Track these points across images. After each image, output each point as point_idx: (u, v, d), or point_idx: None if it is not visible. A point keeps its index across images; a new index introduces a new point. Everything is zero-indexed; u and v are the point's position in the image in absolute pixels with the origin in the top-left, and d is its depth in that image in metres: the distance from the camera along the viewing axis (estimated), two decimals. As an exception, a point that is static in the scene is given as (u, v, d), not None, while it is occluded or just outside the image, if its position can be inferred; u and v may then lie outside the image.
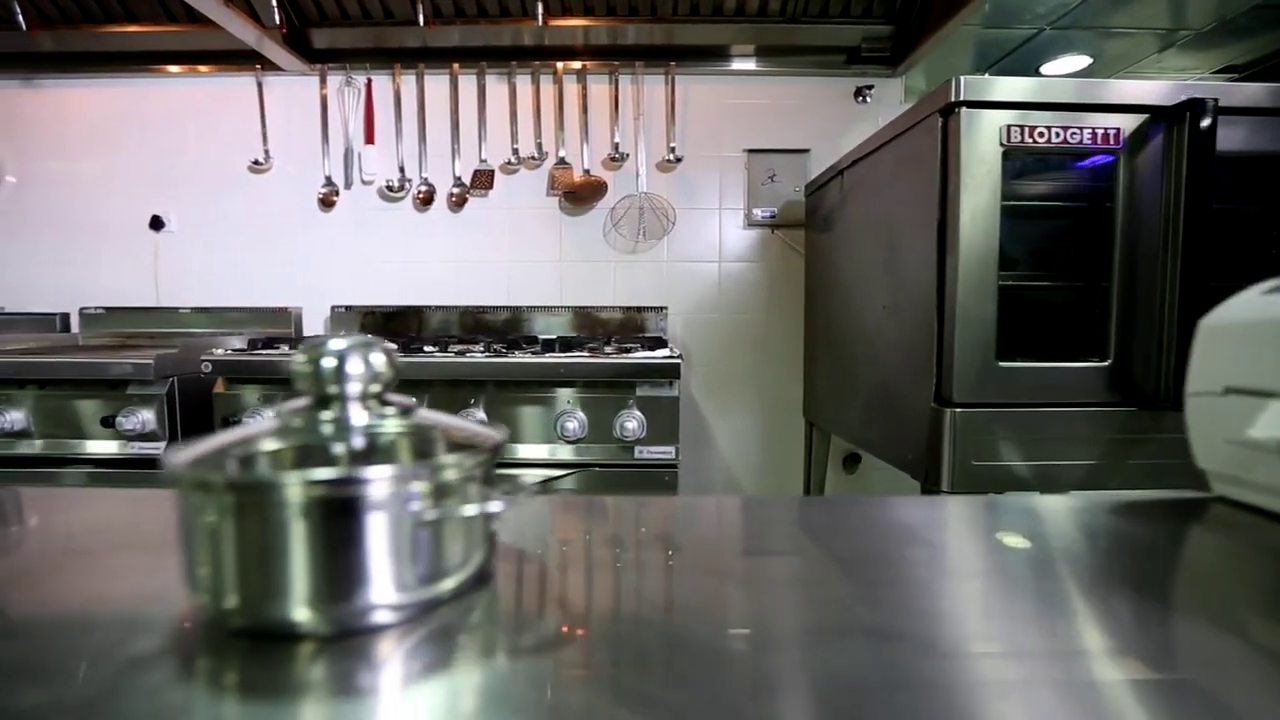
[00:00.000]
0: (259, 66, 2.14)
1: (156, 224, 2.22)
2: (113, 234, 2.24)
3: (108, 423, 1.55)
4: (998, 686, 0.26)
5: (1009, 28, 2.19)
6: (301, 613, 0.27)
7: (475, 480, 0.29)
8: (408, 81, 2.16)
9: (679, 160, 2.13)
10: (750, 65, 2.15)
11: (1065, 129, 1.16)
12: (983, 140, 1.16)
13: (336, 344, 0.30)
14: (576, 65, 2.12)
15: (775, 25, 2.08)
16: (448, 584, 0.29)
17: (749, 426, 2.24)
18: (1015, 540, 0.44)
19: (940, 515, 0.51)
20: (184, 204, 2.23)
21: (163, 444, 1.56)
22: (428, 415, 0.34)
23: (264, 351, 1.54)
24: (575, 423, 1.45)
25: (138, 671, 0.26)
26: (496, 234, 2.20)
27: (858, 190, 1.63)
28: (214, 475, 0.28)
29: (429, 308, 2.12)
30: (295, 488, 0.26)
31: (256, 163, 2.18)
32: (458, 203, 2.16)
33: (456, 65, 2.13)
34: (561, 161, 2.15)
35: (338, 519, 0.26)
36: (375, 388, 0.31)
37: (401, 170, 2.16)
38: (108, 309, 2.19)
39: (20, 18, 1.84)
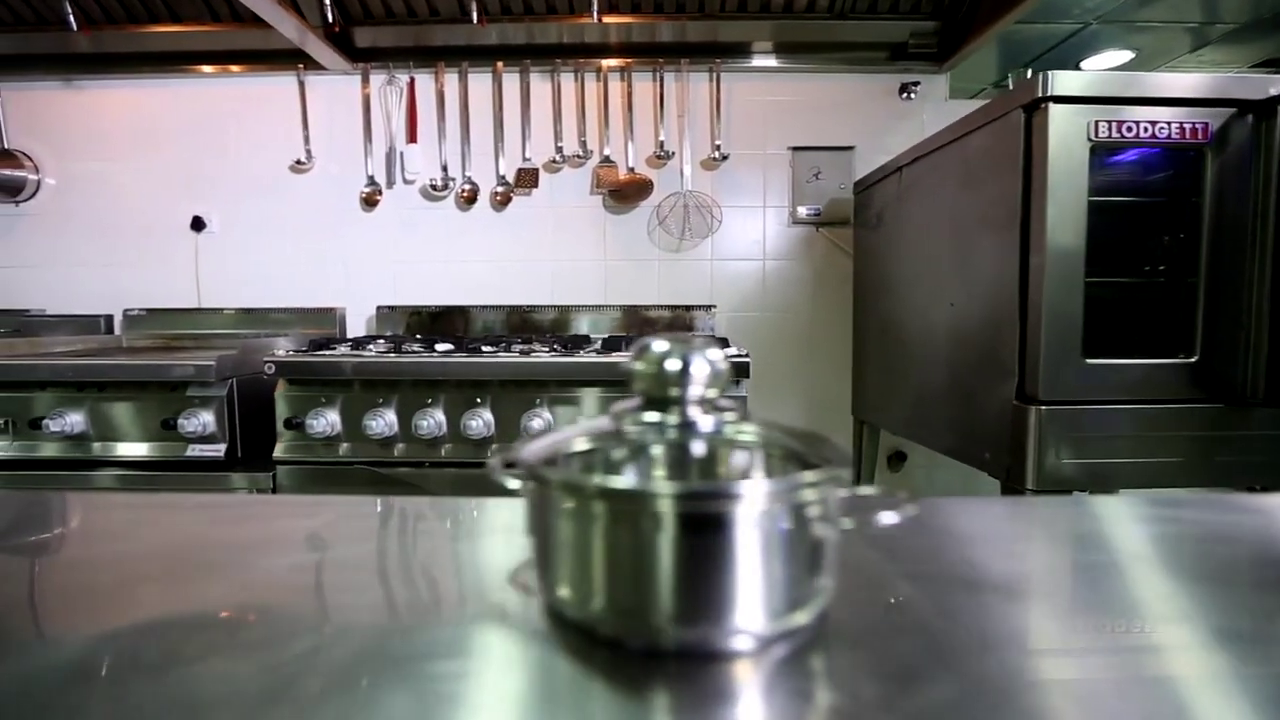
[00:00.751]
0: (301, 66, 2.12)
1: (198, 225, 2.21)
2: (153, 235, 2.23)
3: (168, 425, 1.53)
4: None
5: (1052, 23, 2.18)
6: (669, 627, 0.26)
7: (832, 498, 0.28)
8: (450, 80, 2.14)
9: (725, 158, 2.12)
10: (794, 62, 2.14)
11: (1154, 124, 1.15)
12: (1070, 136, 1.15)
13: (670, 346, 0.29)
14: (621, 62, 2.11)
15: (821, 21, 2.07)
16: (809, 610, 0.28)
17: (794, 424, 2.22)
18: None
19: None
20: (225, 204, 2.22)
21: (222, 446, 1.55)
22: (760, 421, 0.33)
23: (326, 352, 1.53)
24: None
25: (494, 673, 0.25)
26: (540, 233, 2.19)
27: (919, 187, 1.62)
28: (594, 482, 0.27)
29: (475, 307, 2.11)
30: (675, 499, 0.25)
31: (299, 162, 2.16)
32: (501, 201, 2.15)
33: (500, 63, 2.11)
34: (606, 160, 2.14)
35: (715, 532, 0.25)
36: (713, 391, 0.30)
37: (444, 169, 2.15)
38: (150, 310, 2.18)
39: (71, 18, 1.83)
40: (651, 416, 0.29)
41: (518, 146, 2.14)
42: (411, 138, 2.13)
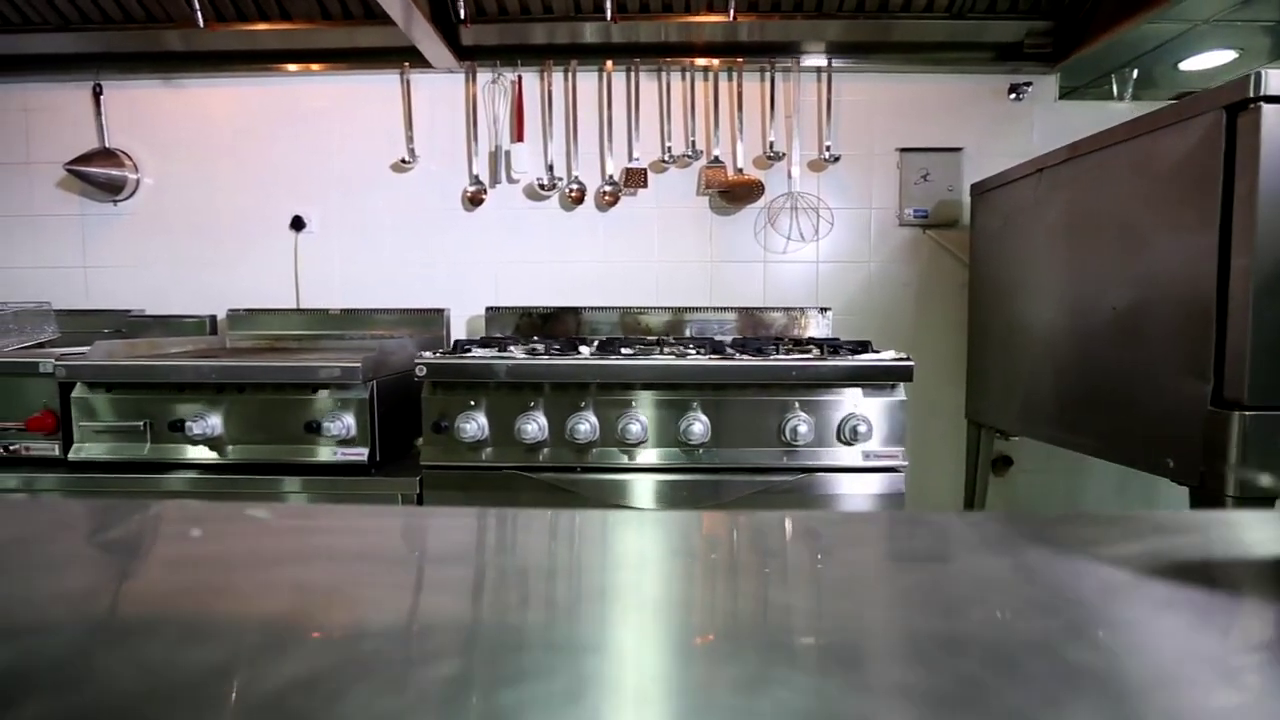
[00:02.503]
0: (406, 65, 2.10)
1: (298, 224, 2.19)
2: (252, 235, 2.20)
3: (312, 428, 1.51)
4: None
5: (1159, 23, 2.16)
6: None
7: None
8: (556, 78, 2.12)
9: (836, 159, 2.10)
10: (904, 63, 2.12)
11: (1369, 124, 1.13)
12: (1282, 136, 1.13)
13: None
14: (731, 61, 2.09)
15: (937, 21, 2.05)
16: None
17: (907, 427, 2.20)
18: None
19: None
20: (325, 204, 2.20)
21: (364, 450, 1.52)
22: None
23: (478, 353, 1.50)
24: (806, 426, 1.42)
25: None
26: (644, 234, 2.17)
27: (1069, 188, 1.60)
28: None
29: (587, 309, 2.08)
30: None
31: (403, 161, 2.14)
32: (609, 202, 2.12)
33: (609, 62, 2.09)
34: (715, 160, 2.11)
35: None
36: None
37: (550, 169, 2.13)
38: (250, 310, 2.15)
39: (199, 14, 1.80)
40: None
41: (624, 146, 2.12)
42: (518, 136, 2.11)
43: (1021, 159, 2.07)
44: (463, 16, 1.95)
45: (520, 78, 2.11)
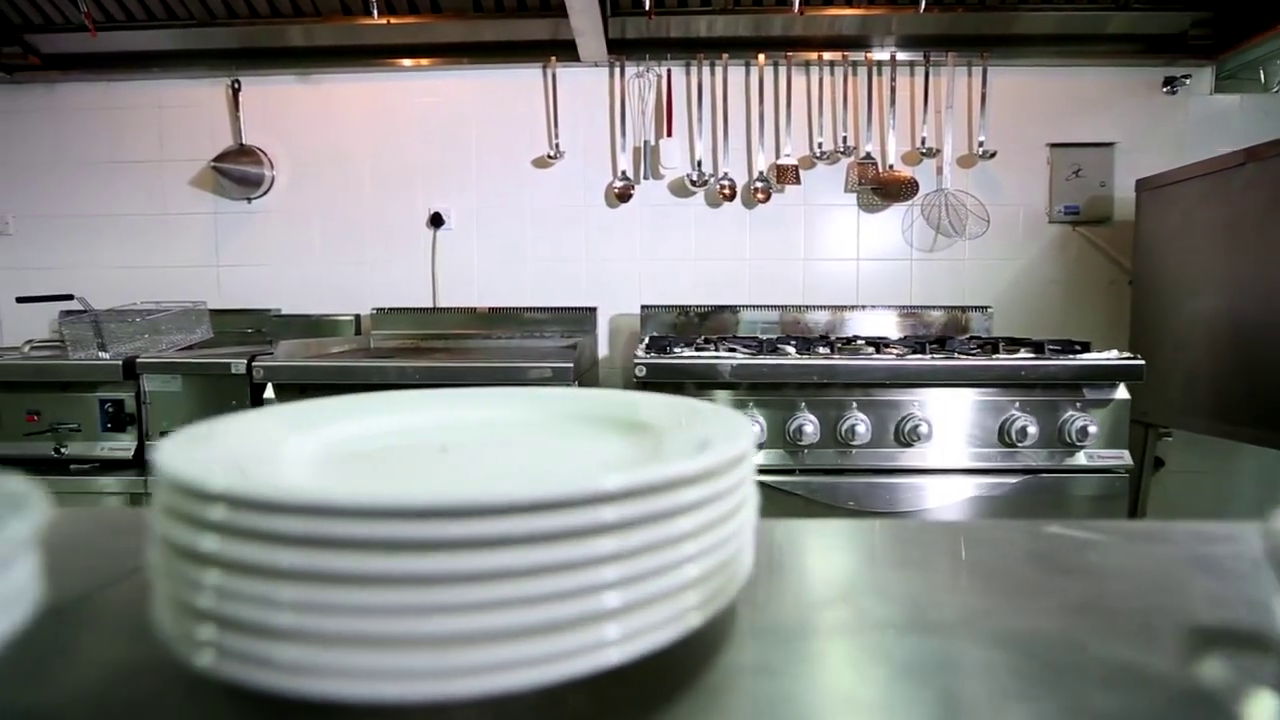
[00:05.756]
0: (553, 59, 2.07)
1: (436, 221, 2.16)
2: (389, 232, 2.17)
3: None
4: None
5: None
6: None
7: None
8: (704, 72, 2.09)
9: (992, 155, 2.06)
10: (1055, 55, 2.08)
11: None
12: None
13: None
14: (885, 56, 2.06)
15: (1095, 12, 2.01)
16: None
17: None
18: None
19: None
20: (463, 200, 2.17)
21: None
22: None
23: (702, 353, 1.47)
24: (1033, 426, 1.39)
25: None
26: (792, 231, 2.14)
27: (1266, 186, 1.57)
28: None
29: (744, 306, 2.05)
30: None
31: (550, 156, 2.11)
32: (761, 199, 2.09)
33: (761, 56, 2.06)
34: (867, 156, 2.08)
35: None
36: None
37: (698, 165, 2.10)
38: (391, 310, 2.12)
39: (374, 8, 1.77)
40: None
41: (772, 141, 2.09)
42: (667, 132, 2.08)
43: (1175, 153, 2.05)
44: (618, 6, 1.92)
45: (669, 71, 2.07)
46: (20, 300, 1.90)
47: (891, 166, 2.08)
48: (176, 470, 0.25)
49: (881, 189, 2.08)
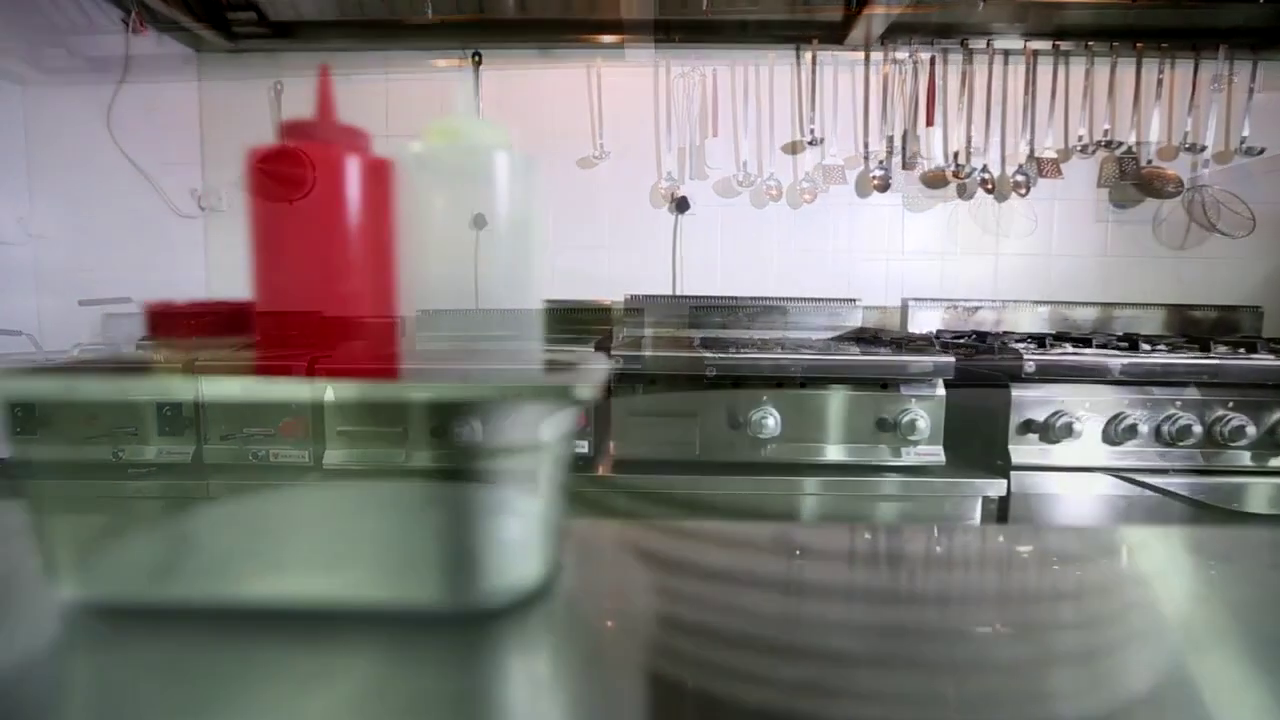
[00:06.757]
0: (814, 40, 2.00)
1: (682, 206, 2.08)
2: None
3: (884, 425, 1.42)
4: None
5: None
6: None
7: None
8: (955, 59, 2.03)
9: (1260, 152, 2.04)
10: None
11: None
12: None
13: None
14: (1156, 45, 2.02)
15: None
16: None
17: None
18: None
19: None
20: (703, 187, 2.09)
21: (939, 448, 1.43)
22: None
23: (1089, 352, 1.42)
24: None
25: None
26: (1042, 226, 2.10)
27: None
28: None
29: (1024, 302, 2.01)
30: None
31: (809, 141, 2.03)
32: (1022, 192, 2.04)
33: (1028, 45, 2.01)
34: (1129, 150, 2.05)
35: None
36: None
37: (955, 156, 2.04)
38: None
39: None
40: None
41: (1028, 132, 2.05)
42: (929, 121, 2.02)
43: None
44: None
45: (934, 58, 2.02)
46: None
47: (1150, 161, 2.05)
48: None
49: (1138, 184, 2.05)
